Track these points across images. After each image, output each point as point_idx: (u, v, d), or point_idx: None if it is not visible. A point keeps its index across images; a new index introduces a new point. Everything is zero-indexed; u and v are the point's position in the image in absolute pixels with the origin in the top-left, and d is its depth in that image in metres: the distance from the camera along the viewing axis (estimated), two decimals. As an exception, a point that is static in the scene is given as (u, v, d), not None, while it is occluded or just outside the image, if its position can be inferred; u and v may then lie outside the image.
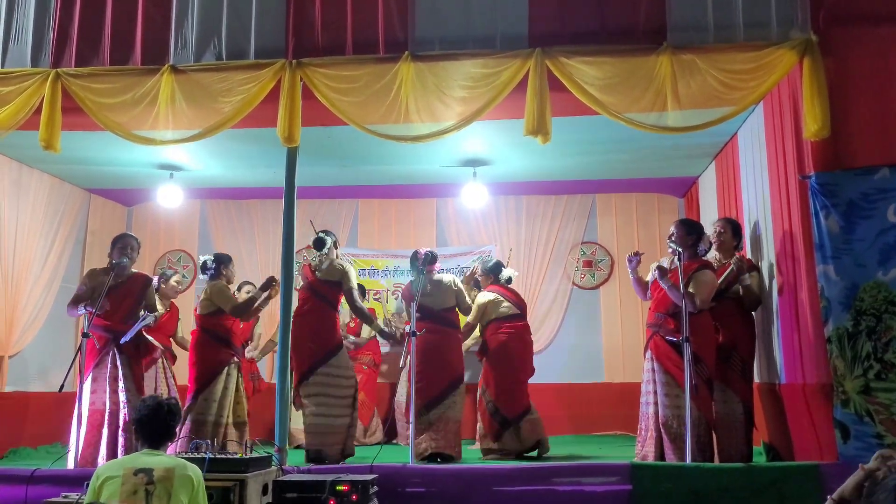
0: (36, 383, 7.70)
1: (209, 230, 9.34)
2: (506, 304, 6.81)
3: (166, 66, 5.68)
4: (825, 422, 4.86)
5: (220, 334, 6.31)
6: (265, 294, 6.40)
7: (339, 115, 5.53)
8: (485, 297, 6.77)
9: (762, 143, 5.94)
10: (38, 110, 5.65)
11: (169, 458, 3.63)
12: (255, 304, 6.45)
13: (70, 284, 8.32)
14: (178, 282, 7.75)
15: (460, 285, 6.44)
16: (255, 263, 9.09)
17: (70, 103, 5.68)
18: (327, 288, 6.13)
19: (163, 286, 7.30)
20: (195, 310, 6.54)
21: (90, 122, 5.72)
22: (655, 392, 5.40)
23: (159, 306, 6.78)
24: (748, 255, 6.15)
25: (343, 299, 6.23)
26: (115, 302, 5.93)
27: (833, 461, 4.74)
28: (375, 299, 8.93)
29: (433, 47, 5.55)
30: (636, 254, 5.85)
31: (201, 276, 6.71)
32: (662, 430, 5.30)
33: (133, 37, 5.80)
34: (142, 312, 6.05)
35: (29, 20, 5.93)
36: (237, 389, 6.34)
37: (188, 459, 3.87)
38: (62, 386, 5.47)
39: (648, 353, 5.56)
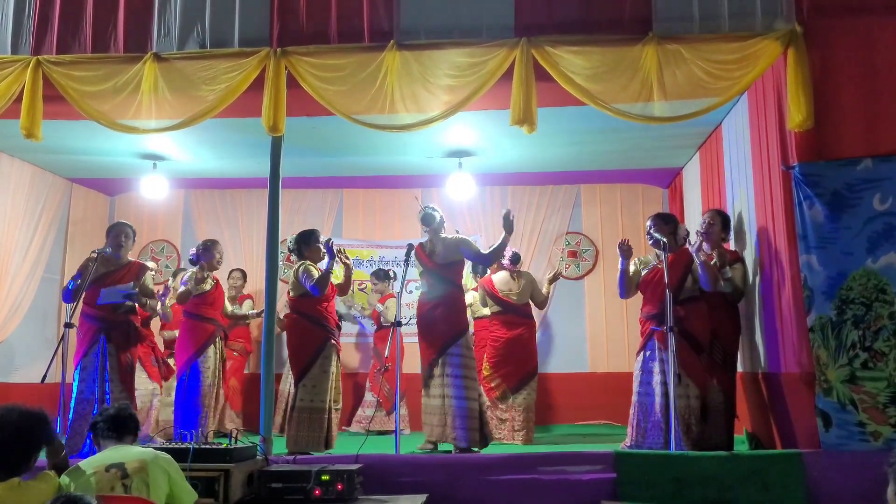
0: (18, 374, 7.63)
1: (193, 220, 9.30)
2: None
3: (149, 53, 5.62)
4: (807, 411, 4.90)
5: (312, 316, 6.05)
6: (332, 262, 5.95)
7: (325, 105, 5.49)
8: None
9: (746, 133, 5.97)
10: (19, 98, 5.58)
11: (138, 449, 3.56)
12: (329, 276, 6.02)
13: (52, 275, 8.27)
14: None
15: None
16: (240, 254, 9.06)
17: (51, 91, 5.61)
18: (449, 269, 6.04)
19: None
20: (287, 293, 6.33)
21: (72, 110, 5.65)
22: (666, 383, 5.29)
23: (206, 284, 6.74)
24: (732, 247, 6.18)
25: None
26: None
27: (815, 449, 4.78)
28: (360, 290, 8.92)
29: (419, 36, 5.52)
30: (626, 243, 5.72)
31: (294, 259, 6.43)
32: (678, 420, 5.21)
33: (115, 24, 5.73)
34: (130, 285, 6.00)
35: (8, 6, 5.85)
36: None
37: (171, 450, 3.87)
38: (44, 376, 5.44)
39: (651, 345, 5.48)
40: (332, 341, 6.04)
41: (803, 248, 4.95)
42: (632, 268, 5.79)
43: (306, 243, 6.21)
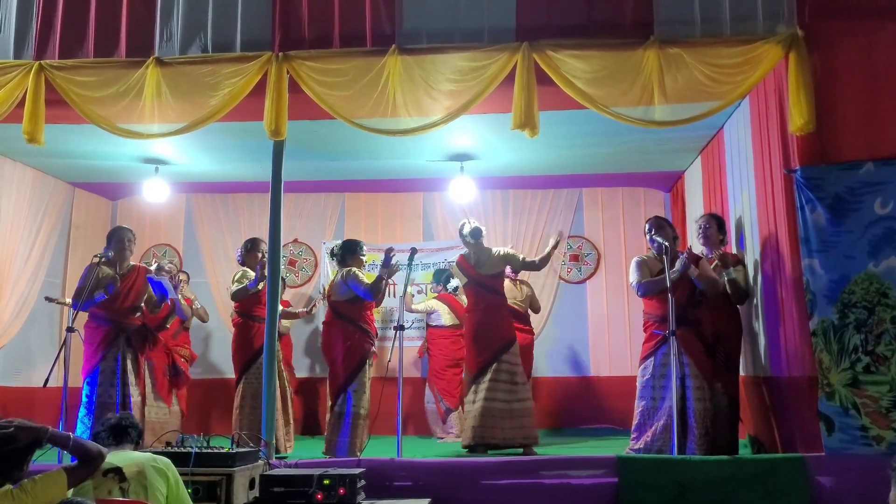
0: (20, 378, 7.63)
1: (195, 224, 9.31)
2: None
3: (152, 58, 5.61)
4: (810, 415, 4.89)
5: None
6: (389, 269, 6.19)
7: (327, 109, 5.49)
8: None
9: (748, 137, 5.97)
10: (22, 103, 5.58)
11: (135, 453, 3.58)
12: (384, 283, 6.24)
13: (54, 279, 8.27)
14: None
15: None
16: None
17: (54, 96, 5.61)
18: (495, 279, 6.41)
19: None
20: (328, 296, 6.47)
21: (74, 115, 5.66)
22: (682, 386, 5.28)
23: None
24: (733, 250, 6.17)
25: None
26: (122, 294, 5.98)
27: (818, 453, 4.77)
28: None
29: (420, 41, 5.53)
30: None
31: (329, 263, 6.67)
32: (693, 423, 5.24)
33: (118, 29, 5.74)
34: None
35: (11, 11, 5.85)
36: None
37: (173, 454, 3.87)
38: (46, 381, 5.44)
39: (666, 348, 5.39)
40: (373, 348, 6.28)
41: (805, 251, 4.94)
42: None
43: (352, 252, 6.44)
